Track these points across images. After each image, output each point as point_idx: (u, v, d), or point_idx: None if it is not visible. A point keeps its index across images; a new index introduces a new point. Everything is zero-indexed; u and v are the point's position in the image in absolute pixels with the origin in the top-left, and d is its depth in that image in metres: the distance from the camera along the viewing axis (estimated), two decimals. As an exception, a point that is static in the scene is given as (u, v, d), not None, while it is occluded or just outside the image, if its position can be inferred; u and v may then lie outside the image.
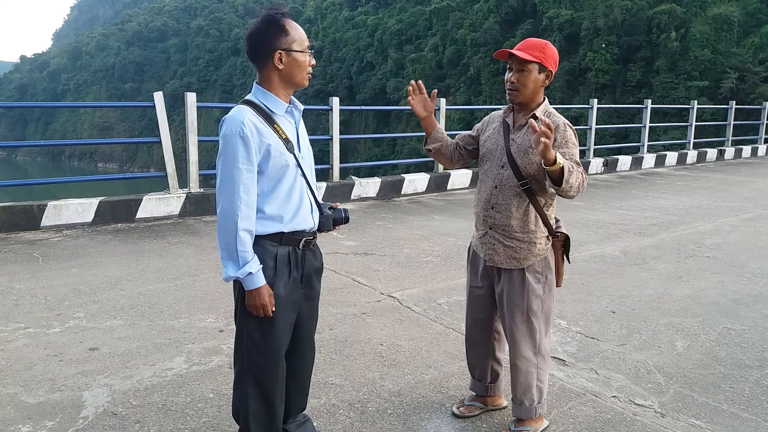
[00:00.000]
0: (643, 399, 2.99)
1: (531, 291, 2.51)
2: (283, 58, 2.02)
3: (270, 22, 2.01)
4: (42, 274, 4.79)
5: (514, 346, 2.56)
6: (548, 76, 2.46)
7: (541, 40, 2.49)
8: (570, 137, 2.45)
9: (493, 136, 2.62)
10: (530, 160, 2.45)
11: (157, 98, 6.96)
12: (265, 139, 1.99)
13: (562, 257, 2.59)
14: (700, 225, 7.22)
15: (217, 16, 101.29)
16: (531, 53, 2.41)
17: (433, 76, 57.77)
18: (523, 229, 2.49)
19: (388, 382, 3.12)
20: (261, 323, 2.08)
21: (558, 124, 2.45)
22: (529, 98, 2.48)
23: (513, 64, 2.45)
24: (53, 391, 2.95)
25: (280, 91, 2.08)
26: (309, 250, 2.20)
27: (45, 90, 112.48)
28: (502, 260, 2.53)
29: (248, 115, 1.99)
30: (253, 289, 2.01)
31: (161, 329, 3.74)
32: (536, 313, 2.52)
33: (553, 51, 2.46)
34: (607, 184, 10.73)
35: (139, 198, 6.89)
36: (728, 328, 3.96)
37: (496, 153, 2.56)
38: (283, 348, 2.17)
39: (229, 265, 2.00)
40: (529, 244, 2.50)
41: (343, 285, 4.69)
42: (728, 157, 15.57)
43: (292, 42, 2.02)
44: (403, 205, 8.41)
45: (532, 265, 2.51)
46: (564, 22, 47.02)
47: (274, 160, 2.02)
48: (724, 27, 39.08)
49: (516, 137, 2.51)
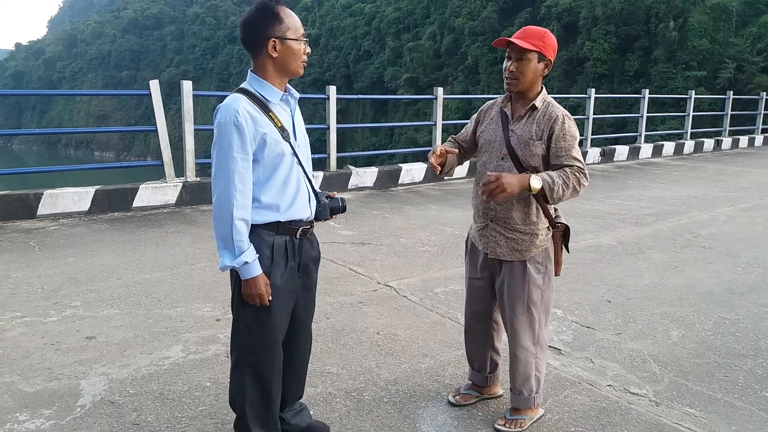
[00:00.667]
0: (638, 388, 3.01)
1: (532, 281, 2.51)
2: (278, 46, 2.00)
3: (264, 9, 1.99)
4: (38, 263, 4.78)
5: (514, 337, 2.57)
6: (547, 65, 2.44)
7: (541, 28, 2.47)
8: (569, 129, 2.42)
9: (491, 127, 2.60)
10: (531, 151, 2.43)
11: (153, 86, 6.92)
12: (260, 127, 1.99)
13: (561, 247, 2.59)
14: (697, 215, 7.24)
15: (213, 4, 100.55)
16: (530, 42, 2.38)
17: (431, 65, 57.58)
18: (524, 221, 2.48)
19: (385, 370, 3.13)
20: (258, 312, 2.08)
21: (557, 115, 2.43)
22: (528, 87, 2.46)
23: (512, 53, 2.42)
24: (50, 379, 2.96)
25: (275, 80, 2.07)
26: (306, 239, 2.20)
27: (40, 78, 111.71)
28: (504, 252, 2.52)
29: (243, 104, 1.98)
30: (250, 278, 2.01)
31: (158, 318, 3.74)
32: (536, 303, 2.53)
33: (552, 40, 2.44)
34: (604, 174, 10.73)
35: (136, 187, 6.87)
36: (723, 317, 3.98)
37: (495, 144, 2.54)
38: (280, 337, 2.17)
39: (225, 255, 2.00)
40: (531, 235, 2.49)
41: (340, 274, 4.70)
42: (725, 147, 15.58)
43: (286, 30, 2.00)
44: (400, 194, 8.41)
45: (533, 256, 2.51)
46: (562, 11, 46.81)
47: (269, 148, 2.01)
48: (722, 17, 38.97)
49: (516, 128, 2.49)
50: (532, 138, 2.43)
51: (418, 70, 57.57)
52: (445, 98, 10.34)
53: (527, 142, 2.44)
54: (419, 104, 51.61)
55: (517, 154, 2.46)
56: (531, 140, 2.43)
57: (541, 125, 2.44)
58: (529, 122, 2.46)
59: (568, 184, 2.35)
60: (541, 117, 2.45)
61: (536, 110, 2.47)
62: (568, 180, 2.35)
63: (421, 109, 50.25)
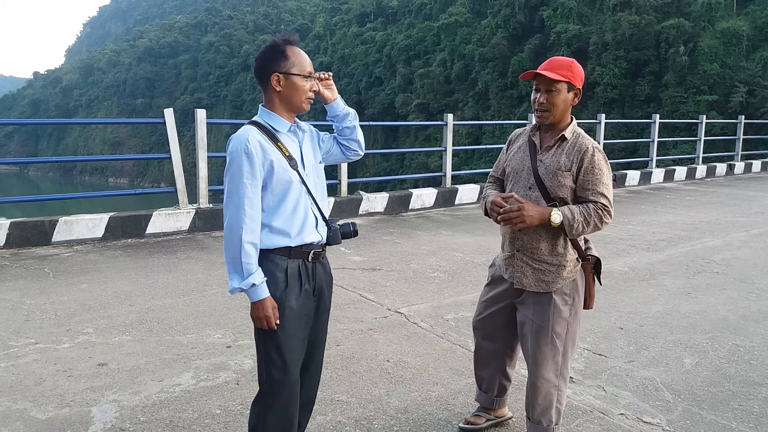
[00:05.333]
0: (651, 417, 2.97)
1: (557, 313, 2.46)
2: (281, 80, 2.11)
3: (273, 47, 2.14)
4: (52, 290, 4.84)
5: (536, 367, 2.50)
6: (577, 94, 2.44)
7: (567, 58, 2.46)
8: (597, 163, 2.38)
9: (518, 156, 2.58)
10: (559, 182, 2.40)
11: (167, 115, 7.04)
12: (269, 155, 2.07)
13: (593, 280, 2.54)
14: (710, 240, 7.19)
15: (227, 33, 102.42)
16: (559, 72, 2.37)
17: (441, 90, 58.04)
18: (551, 251, 2.45)
19: (395, 399, 3.12)
20: (275, 337, 2.11)
21: (587, 147, 2.40)
22: (560, 118, 2.44)
23: (540, 85, 2.41)
24: (62, 406, 2.98)
25: (283, 113, 2.17)
26: (319, 263, 2.24)
27: (57, 106, 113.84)
28: (531, 283, 2.49)
29: (253, 134, 2.08)
30: (257, 300, 2.06)
31: (169, 345, 3.76)
32: (561, 335, 2.47)
33: (580, 69, 2.43)
34: (616, 200, 10.64)
35: (149, 213, 6.95)
36: (737, 344, 3.93)
37: (522, 173, 2.52)
38: (296, 362, 2.18)
39: (234, 277, 2.06)
40: (558, 267, 2.45)
41: (350, 300, 4.70)
42: (738, 171, 15.50)
43: (291, 66, 2.11)
44: (410, 220, 8.43)
45: (560, 287, 2.47)
46: (572, 37, 47.18)
47: (277, 175, 2.08)
48: (732, 41, 39.09)
49: (544, 158, 2.46)
50: (560, 168, 2.40)
51: (428, 96, 58.05)
52: (455, 124, 10.41)
53: (555, 173, 2.41)
54: (430, 129, 51.94)
55: (545, 184, 2.43)
56: (559, 171, 2.40)
57: (570, 156, 2.41)
58: (558, 153, 2.44)
59: (589, 221, 2.34)
60: (570, 148, 2.43)
61: (566, 141, 2.44)
62: (590, 217, 2.34)
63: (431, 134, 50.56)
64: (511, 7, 55.13)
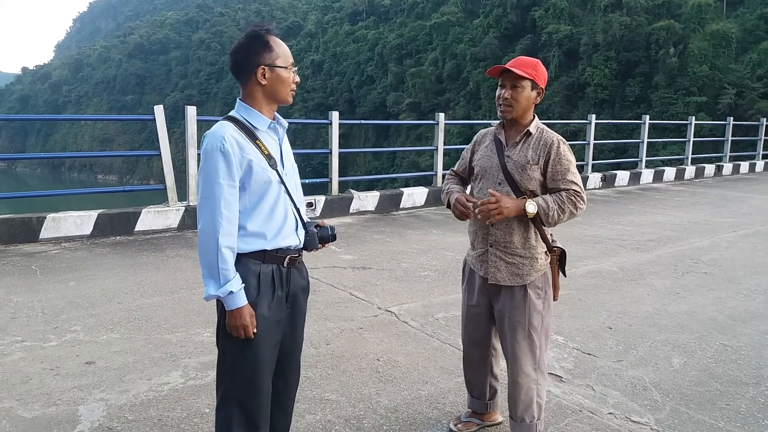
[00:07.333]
0: (640, 416, 2.98)
1: (532, 307, 2.52)
2: (267, 73, 2.00)
3: (254, 37, 1.99)
4: (40, 287, 4.79)
5: (515, 363, 2.55)
6: (539, 93, 2.53)
7: (533, 58, 2.56)
8: (564, 154, 2.48)
9: (486, 154, 2.64)
10: (528, 175, 2.48)
11: (157, 112, 6.99)
12: (247, 154, 1.96)
13: (558, 272, 2.61)
14: (698, 241, 7.23)
15: (218, 30, 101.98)
16: (524, 70, 2.47)
17: (433, 90, 58.08)
18: (524, 245, 2.51)
19: (384, 398, 3.12)
20: (244, 345, 1.99)
21: (552, 140, 2.50)
22: (522, 114, 2.53)
23: (506, 81, 2.51)
24: (49, 405, 2.95)
25: (264, 107, 2.05)
26: (294, 268, 2.13)
27: (46, 101, 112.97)
28: (505, 277, 2.54)
29: (229, 131, 1.96)
30: (234, 309, 1.94)
31: (158, 343, 3.74)
32: (537, 328, 2.53)
33: (544, 70, 2.54)
34: (605, 200, 10.76)
35: (138, 210, 6.90)
36: (725, 344, 3.96)
37: (491, 170, 2.59)
38: (268, 370, 2.08)
39: (210, 284, 1.93)
40: (531, 259, 2.51)
41: (341, 299, 4.69)
42: (726, 172, 15.62)
43: (275, 58, 2.00)
44: (401, 218, 8.43)
45: (533, 281, 2.53)
46: (563, 38, 47.35)
47: (256, 175, 1.97)
48: (722, 43, 39.37)
49: (512, 154, 2.54)
50: (528, 162, 2.48)
51: (420, 95, 58.09)
52: (446, 123, 10.42)
53: (524, 167, 2.49)
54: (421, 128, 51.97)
55: (514, 178, 2.51)
56: (528, 164, 2.48)
57: (537, 150, 2.50)
58: (524, 148, 2.52)
59: (563, 208, 2.43)
60: (536, 143, 2.51)
61: (531, 136, 2.53)
62: (564, 204, 2.43)
63: (423, 133, 50.60)
64: (503, 7, 55.27)
